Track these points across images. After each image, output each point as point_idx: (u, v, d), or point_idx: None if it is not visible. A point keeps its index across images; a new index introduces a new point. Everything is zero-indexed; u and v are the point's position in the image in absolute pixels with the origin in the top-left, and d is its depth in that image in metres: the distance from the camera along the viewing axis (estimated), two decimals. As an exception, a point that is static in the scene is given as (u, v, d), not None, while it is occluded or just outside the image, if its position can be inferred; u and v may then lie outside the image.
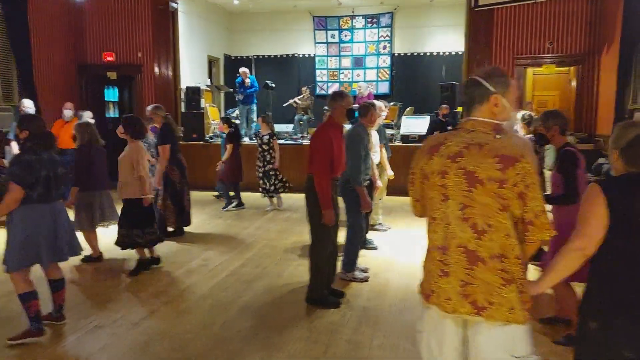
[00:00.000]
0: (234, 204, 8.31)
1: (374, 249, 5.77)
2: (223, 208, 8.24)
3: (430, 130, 9.42)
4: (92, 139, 5.25)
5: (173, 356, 3.31)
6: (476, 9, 9.71)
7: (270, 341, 3.53)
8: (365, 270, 4.92)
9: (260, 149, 7.99)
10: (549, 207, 3.92)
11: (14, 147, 6.97)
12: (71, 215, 4.44)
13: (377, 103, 5.81)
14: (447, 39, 13.66)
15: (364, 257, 5.28)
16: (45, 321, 3.64)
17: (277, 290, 4.57)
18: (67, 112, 8.22)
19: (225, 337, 3.59)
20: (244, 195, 8.49)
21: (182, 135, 7.66)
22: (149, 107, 6.43)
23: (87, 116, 7.79)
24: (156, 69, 10.80)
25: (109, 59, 10.86)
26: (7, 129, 9.08)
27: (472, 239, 1.82)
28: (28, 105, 7.30)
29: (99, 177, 5.28)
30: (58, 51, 10.39)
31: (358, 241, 4.76)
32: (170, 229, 6.44)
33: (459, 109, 10.32)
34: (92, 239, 5.32)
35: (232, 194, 8.39)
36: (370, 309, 4.11)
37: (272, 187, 8.00)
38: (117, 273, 5.07)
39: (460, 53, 13.49)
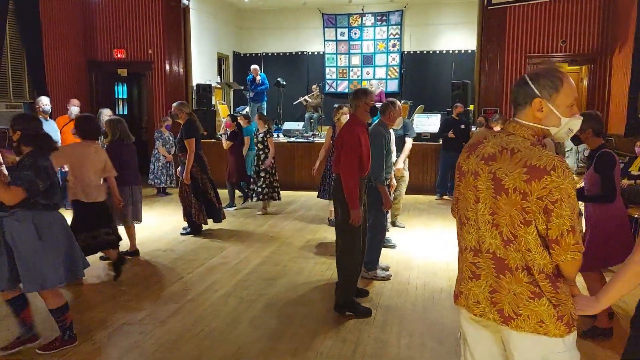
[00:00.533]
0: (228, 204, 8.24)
1: (393, 247, 5.78)
2: (226, 207, 8.20)
3: (443, 128, 9.41)
4: (122, 135, 5.27)
5: (204, 354, 3.32)
6: (489, 7, 9.69)
7: (299, 339, 3.54)
8: (386, 269, 4.94)
9: (255, 147, 7.80)
10: (581, 204, 3.97)
11: None
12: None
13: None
14: (457, 37, 13.62)
15: (383, 256, 5.28)
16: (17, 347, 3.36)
17: (299, 288, 4.58)
18: (74, 109, 8.15)
19: (253, 335, 3.60)
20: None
21: (204, 133, 7.66)
22: (175, 104, 6.47)
23: (106, 113, 7.80)
24: (167, 66, 10.80)
25: (119, 55, 10.86)
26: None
27: (501, 246, 1.74)
28: (45, 103, 7.29)
29: (131, 172, 5.32)
30: (69, 48, 10.40)
31: (380, 240, 4.77)
32: (197, 225, 6.48)
33: (471, 107, 10.32)
34: (130, 234, 5.36)
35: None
36: (394, 308, 4.13)
37: (259, 190, 7.57)
38: (142, 270, 5.10)
39: (470, 51, 13.48)
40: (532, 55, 9.81)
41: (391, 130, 5.85)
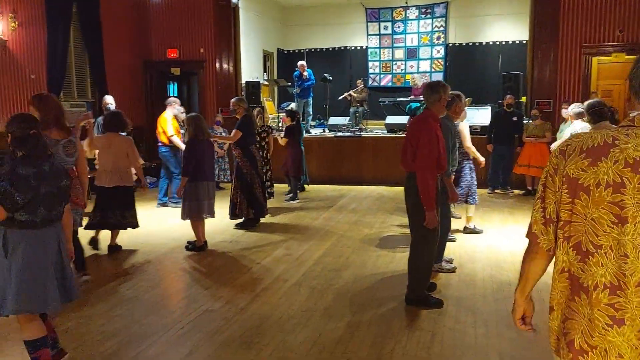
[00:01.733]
0: (289, 196, 8.51)
1: (453, 240, 5.80)
2: (289, 200, 8.43)
3: (493, 121, 9.32)
4: (197, 131, 5.47)
5: (287, 339, 3.47)
6: (543, -3, 9.52)
7: (375, 328, 3.64)
8: (450, 261, 4.98)
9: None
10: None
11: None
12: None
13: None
14: (505, 27, 13.41)
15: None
16: None
17: (366, 280, 4.68)
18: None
19: (330, 324, 3.72)
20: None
21: (259, 130, 7.85)
22: (233, 99, 6.70)
23: (178, 110, 8.13)
24: (218, 64, 11.07)
25: (173, 55, 11.20)
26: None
27: None
28: (110, 102, 7.60)
29: (206, 168, 5.53)
30: (126, 49, 10.80)
31: (446, 232, 4.80)
32: (241, 219, 6.65)
33: (523, 99, 10.16)
34: (199, 228, 5.59)
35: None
36: (464, 299, 4.18)
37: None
38: (213, 260, 5.31)
39: (518, 42, 13.28)
40: (587, 45, 9.58)
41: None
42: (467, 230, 6.20)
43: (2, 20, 7.94)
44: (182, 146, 6.99)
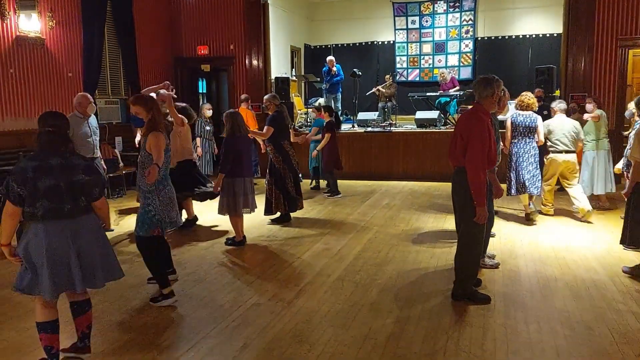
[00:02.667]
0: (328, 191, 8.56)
1: (492, 235, 5.73)
2: (330, 195, 8.48)
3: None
4: (234, 128, 5.51)
5: (339, 334, 3.48)
6: (578, -12, 9.31)
7: (425, 324, 3.63)
8: (492, 257, 4.94)
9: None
10: None
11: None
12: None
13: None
14: (535, 20, 13.19)
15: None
16: (68, 353, 3.15)
17: (409, 275, 4.67)
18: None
19: (379, 319, 3.72)
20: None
21: (292, 126, 7.90)
22: (266, 96, 6.73)
23: (206, 107, 8.25)
24: (247, 61, 11.14)
25: (203, 52, 11.30)
26: (117, 120, 9.71)
27: None
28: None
29: (244, 164, 5.58)
30: (157, 46, 10.93)
31: (488, 227, 4.75)
32: (276, 214, 6.71)
33: (556, 92, 9.99)
34: (237, 224, 5.64)
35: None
36: (511, 295, 4.14)
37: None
38: (253, 255, 5.36)
39: (549, 35, 13.04)
40: (624, 38, 9.36)
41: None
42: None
43: (41, 19, 8.10)
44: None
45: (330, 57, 11.85)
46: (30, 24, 7.88)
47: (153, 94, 4.97)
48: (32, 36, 7.92)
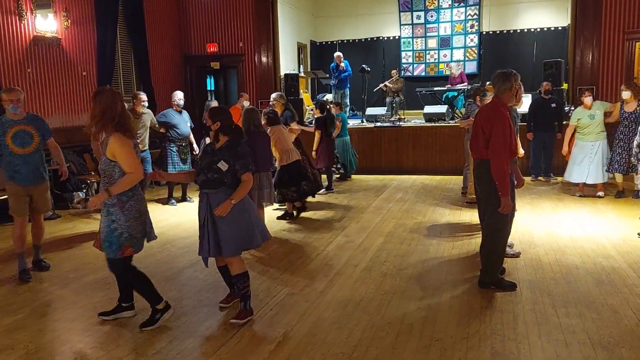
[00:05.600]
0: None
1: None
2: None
3: (532, 109, 9.30)
4: (249, 123, 5.62)
5: (374, 319, 3.62)
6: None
7: (457, 309, 3.76)
8: (511, 246, 5.06)
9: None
10: None
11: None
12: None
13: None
14: (541, 14, 13.31)
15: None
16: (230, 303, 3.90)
17: (433, 264, 4.80)
18: (245, 103, 8.49)
19: (411, 305, 3.85)
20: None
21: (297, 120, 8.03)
22: (274, 95, 6.92)
23: (215, 103, 8.30)
24: (257, 58, 11.24)
25: (212, 49, 11.40)
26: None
27: None
28: (180, 97, 7.67)
29: (259, 160, 5.67)
30: (168, 44, 11.04)
31: (511, 218, 4.86)
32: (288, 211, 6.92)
33: (564, 86, 10.12)
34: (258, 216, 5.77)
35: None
36: (536, 282, 4.27)
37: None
38: (278, 248, 5.49)
39: (554, 28, 13.16)
40: (631, 31, 9.49)
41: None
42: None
43: (57, 19, 8.20)
44: None
45: (338, 53, 11.96)
46: (47, 24, 7.99)
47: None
48: (48, 36, 8.03)
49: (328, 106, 8.83)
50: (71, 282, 4.60)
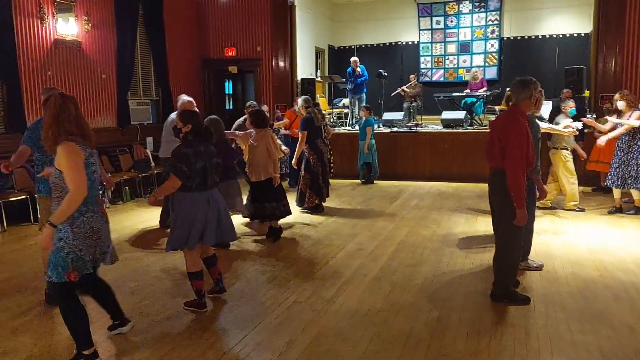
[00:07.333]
0: None
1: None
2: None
3: (552, 116, 9.09)
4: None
5: (382, 331, 3.54)
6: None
7: (467, 324, 3.66)
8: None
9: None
10: None
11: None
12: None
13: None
14: (563, 20, 13.09)
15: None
16: (210, 295, 4.17)
17: (445, 276, 4.70)
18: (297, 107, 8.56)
19: (420, 318, 3.77)
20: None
21: (326, 123, 7.99)
22: (300, 100, 6.89)
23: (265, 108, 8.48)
24: (274, 62, 11.25)
25: (230, 53, 11.46)
26: (148, 121, 9.90)
27: None
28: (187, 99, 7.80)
29: (225, 168, 5.47)
30: (186, 48, 11.12)
31: (531, 229, 4.74)
32: (308, 206, 7.19)
33: (586, 93, 9.90)
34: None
35: None
36: (550, 296, 4.14)
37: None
38: (288, 254, 5.45)
39: (576, 35, 12.93)
40: (656, 37, 9.24)
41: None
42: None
43: (77, 23, 8.32)
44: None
45: (354, 58, 11.90)
46: (68, 27, 8.11)
47: None
48: (69, 39, 8.14)
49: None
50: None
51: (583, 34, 12.69)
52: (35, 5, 7.58)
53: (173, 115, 6.72)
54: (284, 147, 6.93)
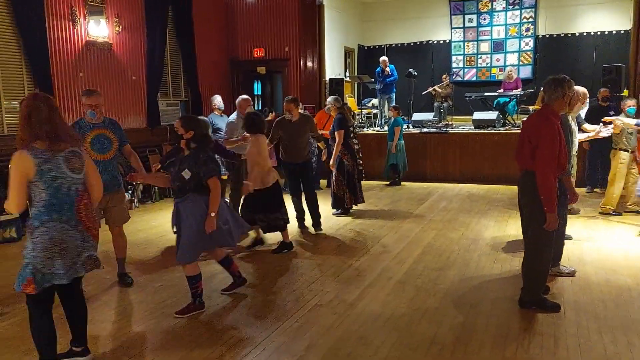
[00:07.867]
0: None
1: (569, 238, 5.43)
2: None
3: (589, 116, 8.77)
4: None
5: (403, 336, 3.45)
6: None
7: (494, 330, 3.53)
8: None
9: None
10: None
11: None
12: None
13: (579, 88, 5.40)
14: (600, 17, 12.63)
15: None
16: (235, 288, 4.33)
17: (472, 280, 4.56)
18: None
19: (445, 323, 3.66)
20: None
21: (355, 124, 7.96)
22: (329, 99, 6.86)
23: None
24: (302, 62, 11.23)
25: (259, 54, 11.49)
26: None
27: None
28: (219, 100, 7.86)
29: None
30: (215, 48, 11.21)
31: (563, 233, 4.56)
32: (348, 206, 7.13)
33: (625, 92, 9.50)
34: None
35: None
36: (582, 303, 3.96)
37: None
38: (312, 256, 5.41)
39: (615, 32, 12.46)
40: (701, 32, 8.80)
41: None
42: None
43: (108, 25, 8.48)
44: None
45: (383, 58, 11.77)
46: (99, 29, 8.27)
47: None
48: (100, 41, 8.31)
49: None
50: (108, 282, 4.69)
51: (622, 31, 12.21)
52: (67, 8, 7.76)
53: (233, 116, 6.60)
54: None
